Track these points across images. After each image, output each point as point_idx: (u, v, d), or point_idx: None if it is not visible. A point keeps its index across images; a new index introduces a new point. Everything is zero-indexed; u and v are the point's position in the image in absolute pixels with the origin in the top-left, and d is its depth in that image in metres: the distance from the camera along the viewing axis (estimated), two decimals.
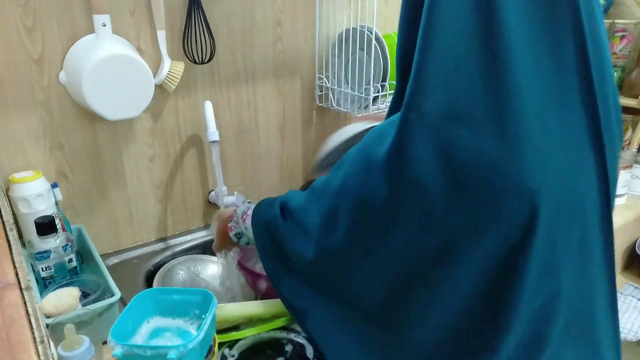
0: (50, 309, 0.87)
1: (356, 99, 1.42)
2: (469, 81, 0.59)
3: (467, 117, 0.59)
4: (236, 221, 0.98)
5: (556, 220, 0.63)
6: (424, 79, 0.61)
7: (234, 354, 0.95)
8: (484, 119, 0.59)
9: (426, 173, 0.61)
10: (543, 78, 0.61)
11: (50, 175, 1.16)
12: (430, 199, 0.62)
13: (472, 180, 0.60)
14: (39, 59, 1.07)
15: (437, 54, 0.60)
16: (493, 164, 0.59)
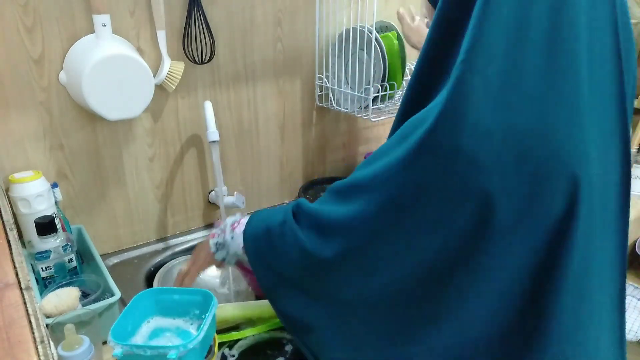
0: (50, 309, 0.87)
1: (356, 99, 1.42)
2: (533, 50, 0.57)
3: (529, 89, 0.58)
4: (222, 229, 0.89)
5: (591, 208, 0.63)
6: (486, 46, 0.57)
7: (234, 353, 0.95)
8: (544, 92, 0.58)
9: (489, 148, 0.58)
10: (594, 62, 0.61)
11: (50, 175, 1.16)
12: (487, 179, 0.58)
13: (530, 158, 0.58)
14: (39, 59, 1.07)
15: (498, 20, 0.57)
16: (549, 141, 0.58)
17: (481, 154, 0.58)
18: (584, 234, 0.63)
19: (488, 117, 0.57)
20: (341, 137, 1.69)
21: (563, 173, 0.59)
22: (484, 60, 0.58)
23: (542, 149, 0.58)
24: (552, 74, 0.58)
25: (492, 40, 0.57)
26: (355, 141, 1.73)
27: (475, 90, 0.58)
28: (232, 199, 1.36)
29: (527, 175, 0.59)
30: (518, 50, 0.57)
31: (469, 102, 0.58)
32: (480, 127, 0.58)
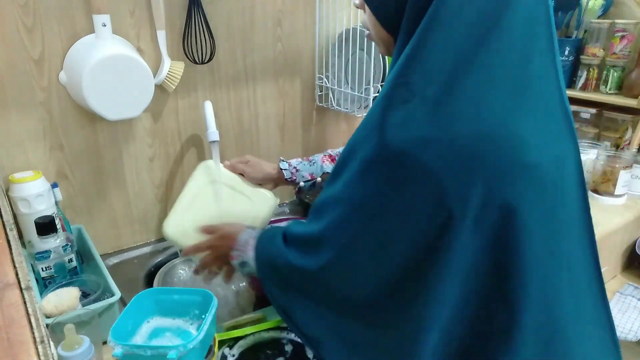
0: (50, 309, 0.87)
1: (356, 99, 1.42)
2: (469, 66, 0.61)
3: (466, 98, 0.61)
4: (239, 249, 0.91)
5: (551, 196, 0.65)
6: (425, 67, 0.62)
7: (234, 353, 0.95)
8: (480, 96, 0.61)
9: (433, 156, 0.61)
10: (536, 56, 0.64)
11: (50, 175, 1.16)
12: (439, 182, 0.61)
13: (475, 158, 0.61)
14: (39, 59, 1.07)
15: (439, 45, 0.61)
16: (494, 138, 0.61)
17: (428, 160, 0.61)
18: (538, 222, 0.65)
19: (428, 130, 0.61)
20: (341, 137, 1.69)
21: (514, 169, 0.62)
22: (422, 83, 0.62)
23: (486, 146, 0.61)
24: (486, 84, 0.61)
25: (430, 67, 0.62)
26: None
27: (416, 110, 0.62)
28: None
29: (476, 173, 0.61)
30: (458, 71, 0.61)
31: (407, 120, 0.63)
32: (422, 139, 0.62)
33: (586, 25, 1.69)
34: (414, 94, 0.62)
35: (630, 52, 1.59)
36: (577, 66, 1.72)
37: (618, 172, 1.52)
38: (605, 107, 1.70)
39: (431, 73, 0.62)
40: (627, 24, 1.58)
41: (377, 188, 0.66)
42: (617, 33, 1.59)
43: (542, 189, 0.64)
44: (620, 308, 1.43)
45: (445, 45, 0.61)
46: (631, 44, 1.58)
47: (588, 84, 1.69)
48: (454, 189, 0.61)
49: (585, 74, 1.69)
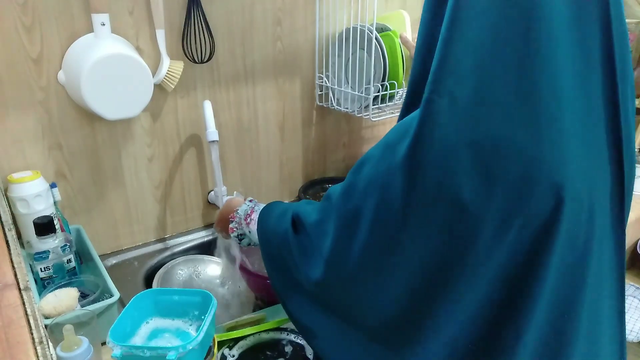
0: (49, 310, 0.87)
1: (356, 99, 1.42)
2: (503, 67, 0.58)
3: (500, 104, 0.58)
4: (238, 222, 0.94)
5: (577, 217, 0.63)
6: (454, 65, 0.59)
7: (234, 354, 0.94)
8: (517, 106, 0.58)
9: (456, 163, 0.59)
10: (573, 71, 0.61)
11: (49, 175, 1.16)
12: (459, 192, 0.60)
13: (503, 171, 0.59)
14: (38, 59, 1.07)
15: (468, 40, 0.59)
16: (523, 153, 0.59)
17: (451, 170, 0.60)
18: (566, 247, 0.63)
19: (454, 136, 0.59)
20: (341, 137, 1.69)
21: (542, 184, 0.59)
22: (451, 81, 0.59)
23: (515, 163, 0.59)
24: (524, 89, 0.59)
25: (460, 60, 0.59)
26: (355, 141, 1.73)
27: (442, 110, 0.60)
28: None
29: (503, 187, 0.59)
30: (490, 70, 0.59)
31: (436, 123, 0.60)
32: (447, 145, 0.60)
33: None
34: (442, 93, 0.60)
35: (632, 52, 1.59)
36: None
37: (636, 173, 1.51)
38: None
39: (461, 73, 0.59)
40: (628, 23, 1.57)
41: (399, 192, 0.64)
42: None
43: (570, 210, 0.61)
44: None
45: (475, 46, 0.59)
46: (633, 44, 1.58)
47: None
48: (476, 197, 0.60)
49: None
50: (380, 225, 0.67)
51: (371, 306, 0.72)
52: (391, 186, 0.65)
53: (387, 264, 0.68)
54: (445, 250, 0.63)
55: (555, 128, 0.59)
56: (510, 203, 0.60)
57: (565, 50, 0.59)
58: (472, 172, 0.59)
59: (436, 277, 0.65)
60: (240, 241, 0.97)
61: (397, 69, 1.34)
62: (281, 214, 0.85)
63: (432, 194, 0.61)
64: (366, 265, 0.69)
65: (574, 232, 0.63)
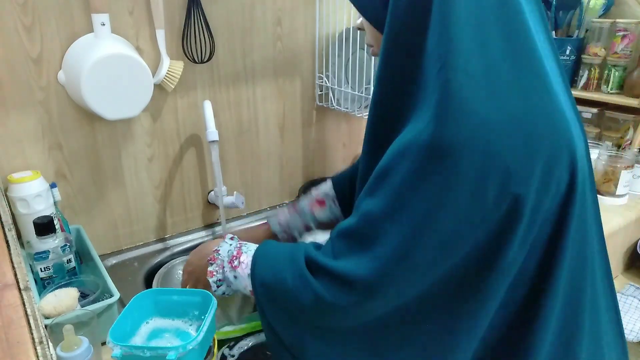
0: (49, 310, 0.87)
1: (356, 99, 1.42)
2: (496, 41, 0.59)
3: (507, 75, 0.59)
4: (219, 265, 0.81)
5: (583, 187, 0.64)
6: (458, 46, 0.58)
7: (234, 354, 0.94)
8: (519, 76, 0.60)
9: (492, 135, 0.56)
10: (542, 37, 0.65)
11: (49, 175, 1.16)
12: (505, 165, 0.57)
13: (537, 136, 0.58)
14: (38, 59, 1.07)
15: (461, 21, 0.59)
16: (543, 117, 0.59)
17: (490, 144, 0.56)
18: (578, 217, 0.64)
19: (483, 108, 0.57)
20: (341, 137, 1.69)
21: (565, 151, 0.60)
22: (462, 59, 0.58)
23: (543, 129, 0.59)
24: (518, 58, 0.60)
25: (462, 40, 0.58)
26: (355, 141, 1.73)
27: (464, 86, 0.57)
28: (232, 199, 1.36)
29: (538, 153, 0.58)
30: (485, 44, 0.59)
31: (461, 98, 0.57)
32: (480, 118, 0.57)
33: (587, 24, 1.68)
34: (457, 69, 0.57)
35: (632, 52, 1.59)
36: (578, 66, 1.72)
37: (619, 172, 1.51)
38: (607, 107, 1.70)
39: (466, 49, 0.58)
40: (628, 23, 1.57)
41: (438, 191, 0.58)
42: (618, 32, 1.58)
43: (582, 179, 0.63)
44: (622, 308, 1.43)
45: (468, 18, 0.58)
46: (632, 44, 1.58)
47: (589, 84, 1.69)
48: (519, 170, 0.57)
49: (587, 73, 1.68)
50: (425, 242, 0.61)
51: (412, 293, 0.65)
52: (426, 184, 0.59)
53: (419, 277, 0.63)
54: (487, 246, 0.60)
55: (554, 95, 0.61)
56: (546, 173, 0.59)
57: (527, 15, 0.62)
58: (513, 144, 0.57)
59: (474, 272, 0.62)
60: (217, 289, 0.83)
61: None
62: (290, 256, 0.74)
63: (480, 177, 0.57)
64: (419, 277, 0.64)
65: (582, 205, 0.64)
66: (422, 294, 0.65)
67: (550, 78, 0.61)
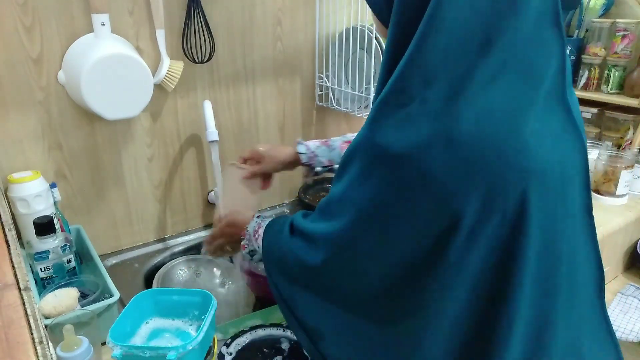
0: (49, 310, 0.87)
1: (356, 99, 1.42)
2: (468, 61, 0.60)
3: (466, 99, 0.60)
4: (249, 239, 0.95)
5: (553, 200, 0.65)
6: (423, 68, 0.61)
7: (231, 352, 0.94)
8: (479, 96, 0.60)
9: (432, 160, 0.60)
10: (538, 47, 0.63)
11: (49, 175, 1.16)
12: (440, 189, 0.61)
13: (477, 161, 0.60)
14: (38, 59, 1.07)
15: (438, 48, 0.60)
16: (497, 142, 0.60)
17: (429, 163, 0.60)
18: (540, 226, 0.64)
19: (431, 126, 0.60)
20: None
21: (512, 168, 0.61)
22: (420, 87, 0.61)
23: (488, 150, 0.60)
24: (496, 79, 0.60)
25: (430, 64, 0.60)
26: None
27: (415, 114, 0.61)
28: None
29: (479, 177, 0.60)
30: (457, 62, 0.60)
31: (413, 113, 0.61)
32: (424, 134, 0.60)
33: (587, 24, 1.68)
34: (413, 97, 0.61)
35: (632, 52, 1.59)
36: (578, 66, 1.72)
37: (619, 172, 1.51)
38: (607, 107, 1.70)
39: (432, 76, 0.61)
40: (628, 23, 1.57)
41: (378, 191, 0.65)
42: (618, 32, 1.58)
43: (544, 193, 0.63)
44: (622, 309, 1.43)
45: (446, 49, 0.60)
46: (632, 44, 1.58)
47: (589, 84, 1.69)
48: (458, 191, 0.61)
49: (587, 73, 1.68)
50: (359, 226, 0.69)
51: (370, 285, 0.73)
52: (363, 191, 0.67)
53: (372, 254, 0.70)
54: (425, 246, 0.65)
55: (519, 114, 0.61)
56: (488, 195, 0.61)
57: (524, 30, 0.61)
58: (449, 167, 0.60)
59: (420, 270, 0.67)
60: (252, 257, 0.98)
61: None
62: (281, 224, 0.87)
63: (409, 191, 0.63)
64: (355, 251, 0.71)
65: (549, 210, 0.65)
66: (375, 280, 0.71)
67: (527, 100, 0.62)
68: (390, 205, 0.65)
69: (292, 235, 0.83)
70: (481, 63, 0.60)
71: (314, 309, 0.83)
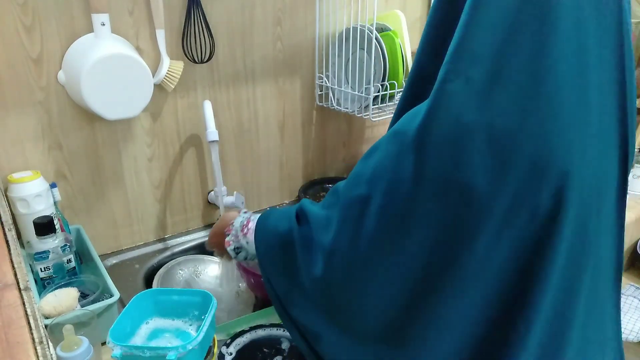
0: (49, 310, 0.87)
1: (356, 99, 1.42)
2: (519, 51, 0.58)
3: (514, 88, 0.58)
4: (235, 235, 0.90)
5: (583, 204, 0.63)
6: (471, 47, 0.59)
7: (231, 351, 0.94)
8: (530, 91, 0.58)
9: (471, 144, 0.58)
10: (585, 60, 0.61)
11: (49, 175, 1.16)
12: (472, 177, 0.59)
13: (516, 154, 0.58)
14: (38, 59, 1.07)
15: (486, 24, 0.59)
16: (534, 139, 0.58)
17: (465, 151, 0.59)
18: (573, 234, 0.63)
19: (470, 116, 0.59)
20: (341, 137, 1.69)
21: (550, 172, 0.59)
22: (467, 62, 0.59)
23: (527, 148, 0.59)
24: (537, 75, 0.59)
25: (477, 43, 0.59)
26: (355, 141, 1.73)
27: (458, 91, 0.59)
28: (232, 199, 1.36)
29: (513, 174, 0.59)
30: (505, 53, 0.58)
31: (451, 102, 0.59)
32: (462, 125, 0.59)
33: None
34: (458, 74, 0.59)
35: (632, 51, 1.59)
36: None
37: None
38: None
39: (477, 54, 0.59)
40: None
41: (410, 173, 0.62)
42: None
43: (577, 198, 0.61)
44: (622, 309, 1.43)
45: (493, 29, 0.58)
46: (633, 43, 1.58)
47: None
48: (488, 182, 0.59)
49: None
50: (389, 211, 0.65)
51: (373, 303, 0.70)
52: (402, 168, 0.63)
53: (392, 253, 0.66)
54: (450, 240, 0.62)
55: (566, 115, 0.59)
56: (520, 190, 0.59)
57: (580, 40, 0.60)
58: (486, 155, 0.58)
59: (440, 271, 0.64)
60: (237, 255, 0.92)
61: (397, 68, 1.34)
62: (283, 214, 0.84)
63: (443, 176, 0.60)
64: (371, 256, 0.68)
65: (583, 220, 0.63)
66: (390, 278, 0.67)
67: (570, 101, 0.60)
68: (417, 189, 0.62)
69: (300, 224, 0.79)
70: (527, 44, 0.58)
71: (311, 314, 0.80)
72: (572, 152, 0.60)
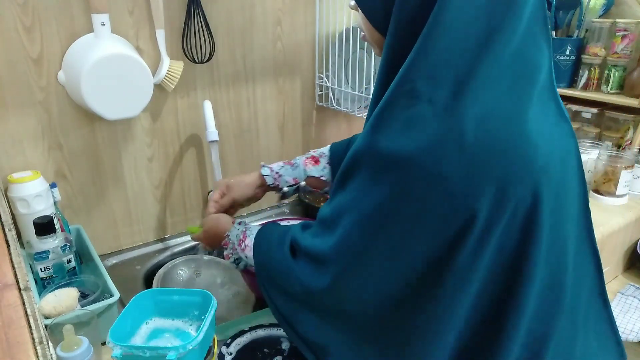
0: (49, 310, 0.87)
1: (356, 99, 1.42)
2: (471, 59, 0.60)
3: (473, 91, 0.60)
4: (232, 248, 0.93)
5: (557, 196, 0.65)
6: (430, 68, 0.61)
7: (231, 352, 0.94)
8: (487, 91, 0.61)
9: (444, 161, 0.60)
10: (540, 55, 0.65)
11: (49, 175, 1.16)
12: (452, 189, 0.60)
13: (488, 158, 0.60)
14: (38, 59, 1.07)
15: (443, 46, 0.60)
16: (504, 140, 0.60)
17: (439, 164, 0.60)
18: (549, 225, 0.65)
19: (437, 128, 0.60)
20: (341, 137, 1.68)
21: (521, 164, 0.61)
22: (428, 89, 0.61)
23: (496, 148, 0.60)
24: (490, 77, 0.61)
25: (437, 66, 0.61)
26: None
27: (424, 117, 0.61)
28: None
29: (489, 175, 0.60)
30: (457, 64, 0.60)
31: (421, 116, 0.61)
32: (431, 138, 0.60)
33: (587, 24, 1.68)
34: (420, 99, 0.61)
35: (632, 52, 1.59)
36: (578, 66, 1.71)
37: (619, 172, 1.51)
38: (607, 107, 1.70)
39: (438, 76, 0.60)
40: (628, 23, 1.57)
41: (389, 198, 0.64)
42: (618, 32, 1.58)
43: (551, 189, 0.64)
44: (622, 309, 1.43)
45: (450, 49, 0.60)
46: (632, 44, 1.58)
47: (589, 84, 1.69)
48: (472, 191, 0.60)
49: (587, 73, 1.68)
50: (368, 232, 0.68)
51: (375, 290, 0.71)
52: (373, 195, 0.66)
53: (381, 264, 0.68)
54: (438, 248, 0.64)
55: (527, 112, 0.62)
56: (500, 192, 0.61)
57: None
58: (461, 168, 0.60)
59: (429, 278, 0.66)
60: (237, 265, 0.95)
61: None
62: (278, 242, 0.84)
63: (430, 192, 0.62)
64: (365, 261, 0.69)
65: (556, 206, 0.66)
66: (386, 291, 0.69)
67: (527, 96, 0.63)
68: (402, 211, 0.64)
69: (296, 257, 0.79)
70: (484, 61, 0.60)
71: (316, 327, 0.81)
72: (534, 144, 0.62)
